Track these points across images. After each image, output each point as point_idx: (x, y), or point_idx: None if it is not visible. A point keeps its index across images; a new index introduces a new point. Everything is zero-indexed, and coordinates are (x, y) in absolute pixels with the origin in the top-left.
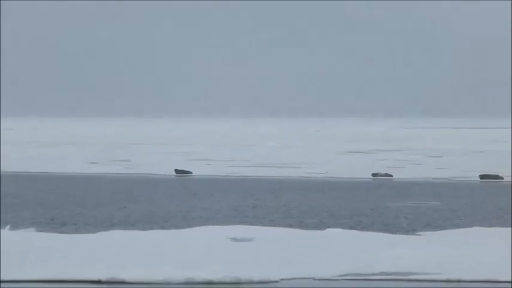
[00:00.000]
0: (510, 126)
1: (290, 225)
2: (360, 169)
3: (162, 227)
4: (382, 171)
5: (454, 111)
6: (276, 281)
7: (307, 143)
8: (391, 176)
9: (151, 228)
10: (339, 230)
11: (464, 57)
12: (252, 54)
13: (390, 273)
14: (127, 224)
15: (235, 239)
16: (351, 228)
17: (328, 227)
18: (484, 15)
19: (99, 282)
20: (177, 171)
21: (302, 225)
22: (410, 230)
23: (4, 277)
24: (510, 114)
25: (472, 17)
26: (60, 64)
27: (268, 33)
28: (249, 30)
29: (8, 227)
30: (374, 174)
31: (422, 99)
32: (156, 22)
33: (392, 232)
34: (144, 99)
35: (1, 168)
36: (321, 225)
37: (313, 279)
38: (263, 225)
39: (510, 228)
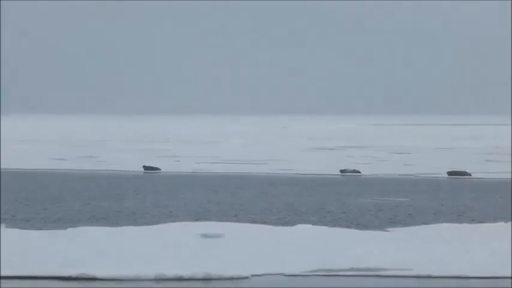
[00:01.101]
0: (481, 124)
1: (260, 222)
2: (328, 166)
3: (131, 223)
4: (350, 168)
5: (424, 108)
6: (247, 277)
7: (274, 140)
8: (359, 172)
9: (121, 225)
10: (308, 226)
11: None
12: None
13: (360, 269)
14: (95, 220)
15: (205, 235)
16: (321, 224)
17: (298, 223)
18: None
19: (69, 278)
20: (145, 167)
21: (272, 221)
22: (379, 226)
23: None
24: (477, 112)
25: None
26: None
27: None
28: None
29: None
30: (342, 171)
31: (392, 97)
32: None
33: (361, 228)
34: (114, 96)
35: None
36: (290, 222)
37: (284, 275)
38: (232, 222)
39: (478, 224)
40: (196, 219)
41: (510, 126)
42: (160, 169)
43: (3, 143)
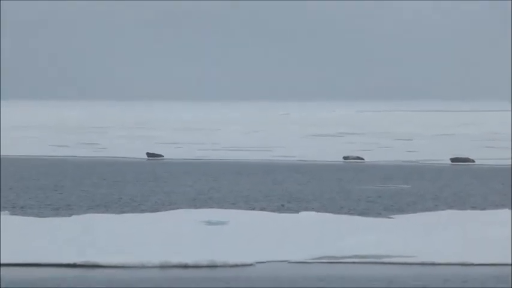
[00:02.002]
0: (481, 110)
1: (264, 209)
2: (330, 152)
3: (136, 211)
4: (353, 155)
5: (421, 95)
6: (251, 264)
7: (275, 126)
8: (362, 159)
9: (125, 212)
10: (312, 213)
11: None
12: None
13: (364, 257)
14: (99, 207)
15: (209, 222)
16: (325, 211)
17: (301, 210)
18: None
19: (73, 265)
20: (148, 154)
21: (276, 208)
22: (383, 213)
23: None
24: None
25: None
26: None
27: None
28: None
29: None
30: (345, 158)
31: (389, 83)
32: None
33: (365, 215)
34: (114, 82)
35: None
36: (294, 209)
37: (288, 262)
38: (236, 209)
39: (484, 211)
40: (199, 206)
41: (510, 112)
42: (163, 156)
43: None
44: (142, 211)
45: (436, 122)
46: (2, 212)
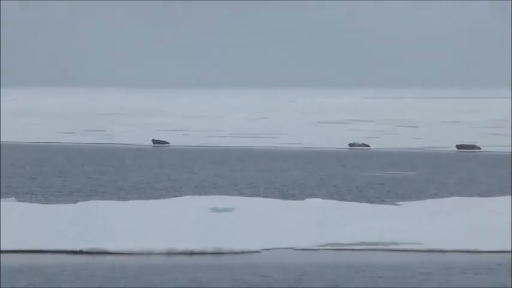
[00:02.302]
0: (485, 97)
1: (269, 195)
2: (336, 139)
3: (142, 197)
4: (359, 142)
5: (437, 82)
6: (257, 251)
7: (280, 113)
8: (368, 146)
9: (131, 199)
10: (318, 200)
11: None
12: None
13: (370, 244)
14: (106, 194)
15: (215, 209)
16: (330, 198)
17: (307, 197)
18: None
19: (80, 252)
20: (154, 141)
21: (281, 195)
22: (389, 200)
23: None
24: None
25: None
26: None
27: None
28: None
29: None
30: (351, 145)
31: (395, 70)
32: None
33: (371, 202)
34: (114, 69)
35: None
36: (300, 195)
37: (294, 249)
38: (242, 196)
39: (490, 198)
40: (205, 193)
41: (510, 99)
42: (169, 143)
43: (6, 116)
44: (148, 198)
45: (441, 109)
46: (8, 199)
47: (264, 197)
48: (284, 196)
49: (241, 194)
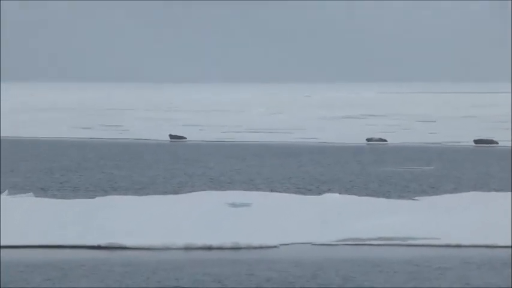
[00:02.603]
0: (500, 91)
1: (287, 191)
2: (353, 134)
3: (160, 192)
4: (376, 136)
5: (443, 76)
6: (275, 246)
7: (298, 108)
8: (385, 141)
9: (150, 194)
10: (336, 195)
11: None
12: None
13: (388, 239)
14: (123, 189)
15: (233, 205)
16: (347, 193)
17: (325, 192)
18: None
19: (98, 247)
20: (171, 136)
21: (299, 190)
22: (407, 194)
23: (4, 243)
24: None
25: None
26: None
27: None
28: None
29: (6, 192)
30: (368, 139)
31: (412, 65)
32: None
33: (388, 197)
34: (136, 65)
35: None
36: (318, 191)
37: (312, 244)
38: (260, 191)
39: (508, 193)
40: (221, 188)
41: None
42: (186, 138)
43: (22, 111)
44: (165, 193)
45: (455, 103)
46: (26, 194)
47: (281, 192)
48: (301, 191)
49: (257, 189)
